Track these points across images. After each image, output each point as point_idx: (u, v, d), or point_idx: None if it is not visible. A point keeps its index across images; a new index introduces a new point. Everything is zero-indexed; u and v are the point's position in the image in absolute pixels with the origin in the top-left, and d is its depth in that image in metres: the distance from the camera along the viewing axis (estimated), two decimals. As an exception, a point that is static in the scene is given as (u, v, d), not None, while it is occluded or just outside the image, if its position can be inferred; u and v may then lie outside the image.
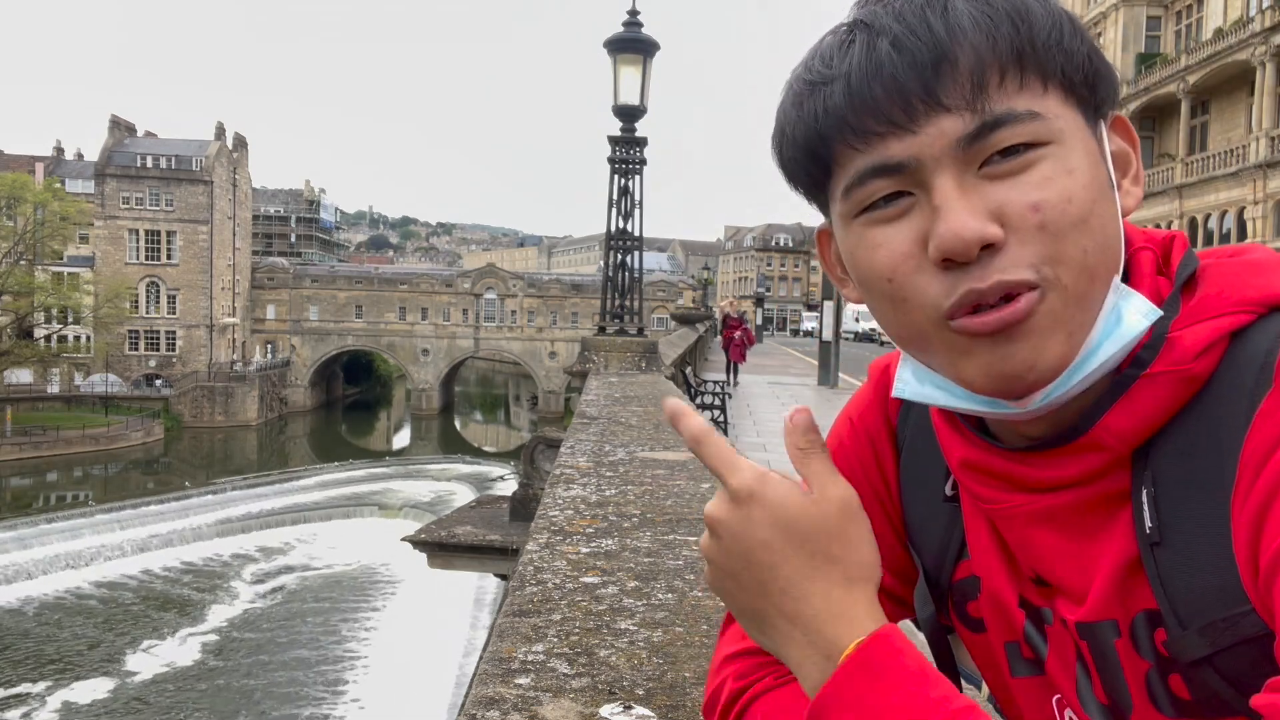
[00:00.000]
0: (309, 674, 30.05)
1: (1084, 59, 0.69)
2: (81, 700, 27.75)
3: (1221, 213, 32.62)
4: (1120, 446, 0.70)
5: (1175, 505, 0.68)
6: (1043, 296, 0.67)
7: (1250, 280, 0.70)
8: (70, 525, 42.88)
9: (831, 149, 0.71)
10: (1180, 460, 0.68)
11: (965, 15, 0.66)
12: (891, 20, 0.68)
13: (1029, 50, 0.67)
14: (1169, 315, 0.71)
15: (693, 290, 76.20)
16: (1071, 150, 0.68)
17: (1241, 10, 32.80)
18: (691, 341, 21.62)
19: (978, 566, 0.84)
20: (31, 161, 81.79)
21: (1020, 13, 0.67)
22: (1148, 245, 0.76)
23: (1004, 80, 0.66)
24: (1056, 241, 0.66)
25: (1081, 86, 0.70)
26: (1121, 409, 0.70)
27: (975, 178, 0.67)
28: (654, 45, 10.78)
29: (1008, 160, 0.67)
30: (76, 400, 69.34)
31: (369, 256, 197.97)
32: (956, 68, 0.66)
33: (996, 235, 0.66)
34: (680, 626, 1.93)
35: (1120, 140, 0.75)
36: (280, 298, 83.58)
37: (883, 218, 0.70)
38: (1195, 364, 0.68)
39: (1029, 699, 0.82)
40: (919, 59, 0.66)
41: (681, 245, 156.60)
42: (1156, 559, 0.68)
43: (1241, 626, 0.64)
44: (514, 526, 8.76)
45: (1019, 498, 0.76)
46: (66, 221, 65.39)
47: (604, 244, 11.63)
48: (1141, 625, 0.70)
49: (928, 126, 0.67)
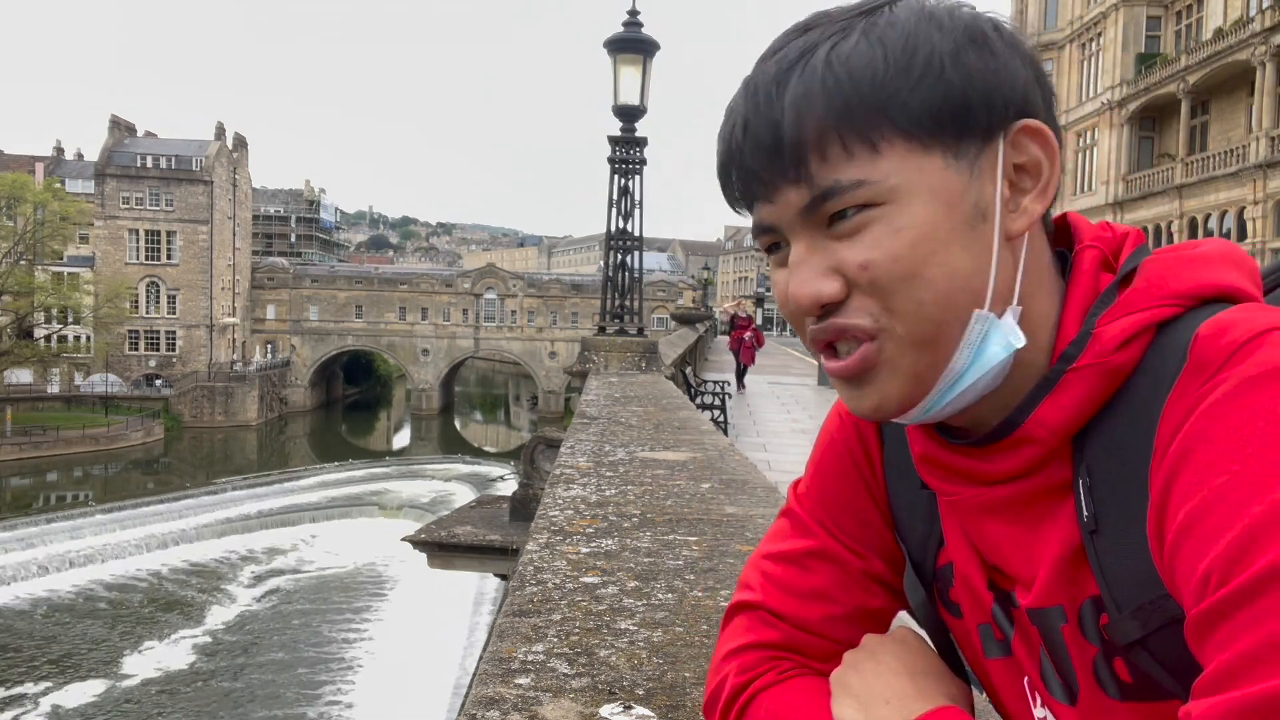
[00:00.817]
0: (309, 674, 30.04)
1: (943, 95, 0.71)
2: (82, 700, 27.73)
3: (1221, 213, 32.60)
4: (1052, 439, 0.73)
5: (1108, 493, 0.71)
6: (880, 346, 0.73)
7: (1181, 274, 0.73)
8: (70, 525, 42.88)
9: (735, 199, 0.80)
10: (1110, 450, 0.71)
11: (789, 97, 0.72)
12: (748, 100, 0.75)
13: (847, 122, 0.70)
14: (1098, 310, 0.74)
15: (693, 290, 76.13)
16: (904, 208, 0.71)
17: (1241, 10, 32.77)
18: (691, 341, 21.63)
19: (951, 550, 0.87)
20: (31, 161, 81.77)
21: (840, 84, 0.71)
22: (1096, 244, 0.78)
23: (826, 153, 0.71)
24: (887, 296, 0.72)
25: (939, 123, 0.71)
26: (1050, 403, 0.73)
27: (825, 237, 0.73)
28: (654, 45, 10.78)
29: (846, 221, 0.72)
30: (76, 400, 69.32)
31: (369, 256, 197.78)
32: (785, 148, 0.72)
33: (832, 295, 0.73)
34: (680, 626, 1.93)
35: (1033, 148, 0.75)
36: (280, 298, 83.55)
37: (774, 262, 0.79)
38: (1116, 356, 0.71)
39: (1002, 680, 0.85)
40: (760, 143, 0.73)
41: (681, 245, 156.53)
42: (1095, 546, 0.71)
43: (1166, 608, 0.67)
44: (514, 526, 8.76)
45: (968, 490, 0.80)
46: (66, 221, 65.37)
47: (604, 244, 11.63)
48: (1088, 611, 0.73)
49: (778, 197, 0.74)
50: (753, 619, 0.93)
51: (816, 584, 0.93)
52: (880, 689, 0.82)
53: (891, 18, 0.73)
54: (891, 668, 0.83)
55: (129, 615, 35.09)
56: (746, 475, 3.95)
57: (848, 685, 0.84)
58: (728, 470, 4.04)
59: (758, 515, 3.12)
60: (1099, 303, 0.74)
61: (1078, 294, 0.76)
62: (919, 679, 0.83)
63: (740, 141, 0.75)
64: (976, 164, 0.73)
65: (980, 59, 0.73)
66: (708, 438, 5.16)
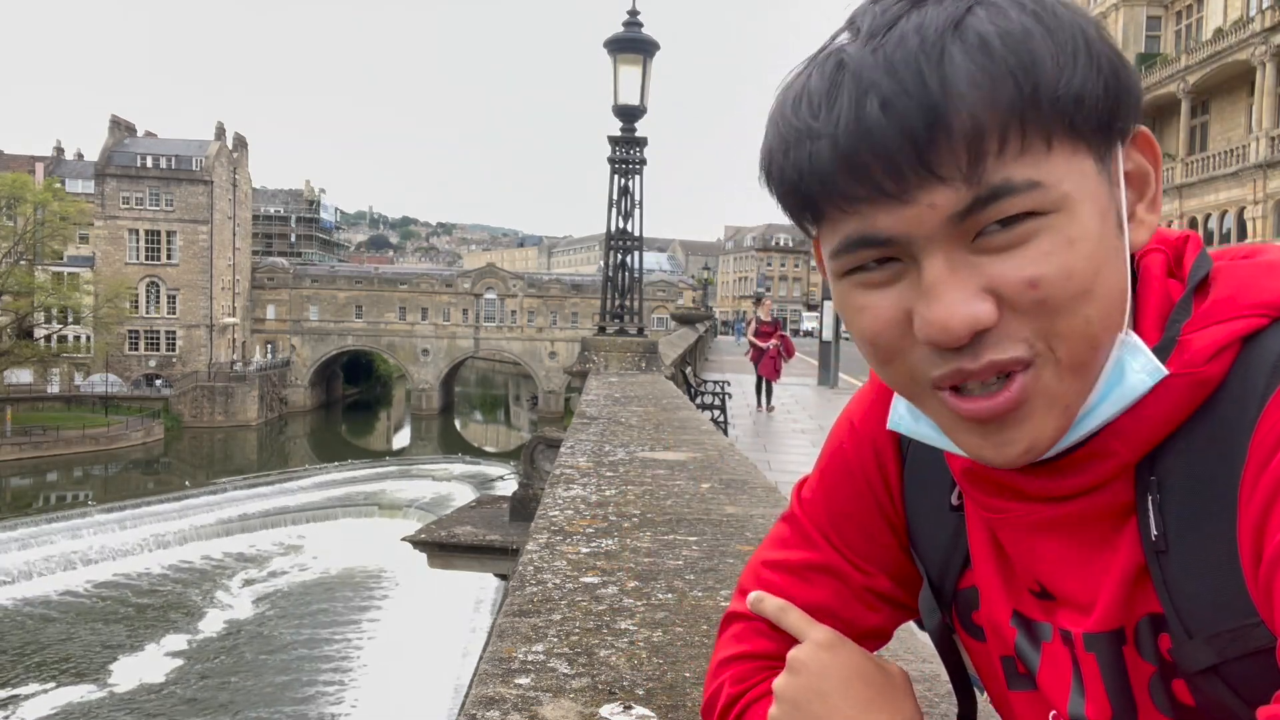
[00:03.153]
0: (308, 674, 30.03)
1: (1101, 93, 0.63)
2: (82, 700, 27.71)
3: (1221, 213, 32.62)
4: (1129, 453, 0.68)
5: (1182, 512, 0.66)
6: (1037, 375, 0.64)
7: (1264, 283, 0.67)
8: (70, 525, 42.86)
9: (819, 208, 0.66)
10: (1187, 466, 0.66)
11: (963, 72, 0.59)
12: (882, 73, 0.60)
13: (1032, 110, 0.60)
14: (1180, 318, 0.68)
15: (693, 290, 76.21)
16: (1074, 216, 0.62)
17: (1241, 10, 32.80)
18: (691, 341, 21.63)
19: (978, 576, 0.83)
20: (31, 161, 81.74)
21: (1026, 66, 0.60)
22: (1159, 247, 0.73)
23: (1004, 146, 0.60)
24: (1055, 317, 0.63)
25: (1097, 126, 0.64)
26: (1131, 414, 0.67)
27: (967, 251, 0.63)
28: (654, 45, 10.78)
29: (1005, 231, 0.62)
30: (76, 400, 69.31)
31: (369, 256, 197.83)
32: (951, 135, 0.59)
33: (989, 320, 0.62)
34: (680, 626, 1.93)
35: (1140, 157, 0.69)
36: (280, 298, 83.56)
37: (869, 282, 0.66)
38: (1207, 367, 0.65)
39: (1026, 713, 0.81)
40: (910, 124, 0.59)
41: (681, 245, 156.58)
42: (1162, 567, 0.67)
43: (1250, 638, 0.63)
44: (514, 526, 8.76)
45: (1022, 507, 0.74)
46: (66, 221, 65.35)
47: (604, 244, 11.63)
48: (1145, 630, 0.69)
49: (919, 197, 0.61)
50: (749, 628, 0.91)
51: (816, 598, 0.89)
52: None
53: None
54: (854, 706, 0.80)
55: (129, 615, 35.09)
56: (746, 475, 3.95)
57: None
58: (728, 470, 4.04)
59: (758, 515, 3.12)
60: (1178, 311, 0.69)
61: (1152, 301, 0.70)
62: None
63: (878, 122, 0.60)
64: (1112, 171, 0.66)
65: (1113, 51, 0.65)
66: (708, 438, 5.15)
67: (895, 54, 0.60)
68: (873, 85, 0.60)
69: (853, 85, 0.61)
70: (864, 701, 0.78)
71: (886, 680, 0.80)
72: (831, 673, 0.79)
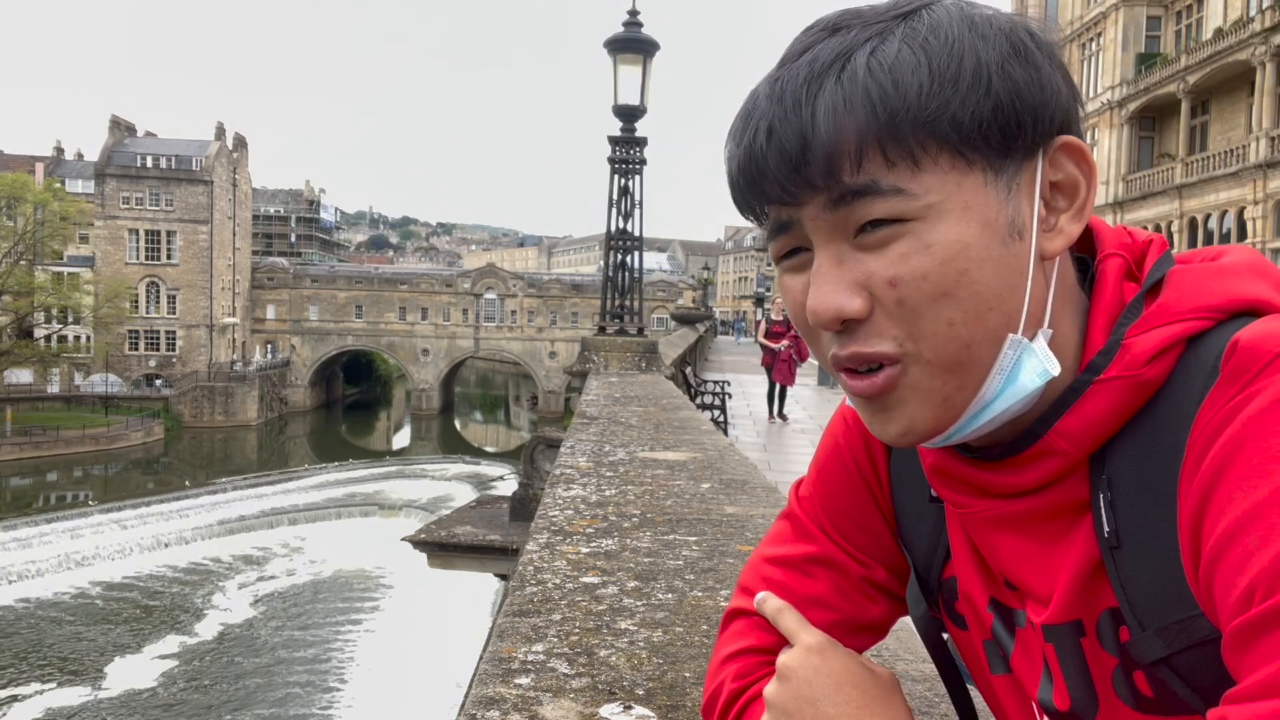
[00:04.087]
0: (308, 674, 30.03)
1: (988, 114, 0.67)
2: (82, 700, 27.70)
3: (1221, 213, 32.59)
4: (1073, 451, 0.71)
5: (1131, 509, 0.69)
6: (905, 370, 0.70)
7: (1211, 286, 0.70)
8: (70, 525, 42.87)
9: (746, 211, 0.76)
10: (1135, 465, 0.69)
11: (826, 102, 0.67)
12: (774, 103, 0.70)
13: (890, 132, 0.66)
14: (1127, 321, 0.71)
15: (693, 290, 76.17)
16: (937, 224, 0.67)
17: (1241, 10, 32.76)
18: (691, 341, 21.62)
19: (957, 565, 0.86)
20: (31, 161, 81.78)
21: (885, 93, 0.66)
22: (1119, 251, 0.76)
23: (860, 163, 0.67)
24: (915, 317, 0.68)
25: (986, 138, 0.68)
26: (1074, 414, 0.71)
27: (850, 248, 0.70)
28: (654, 45, 10.78)
29: (874, 233, 0.68)
30: (76, 400, 69.30)
31: (369, 256, 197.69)
32: (815, 153, 0.68)
33: (856, 311, 0.69)
34: (680, 626, 1.93)
35: (1070, 166, 0.72)
36: (280, 298, 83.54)
37: (789, 267, 0.75)
38: (1146, 369, 0.68)
39: (1007, 695, 0.84)
40: (785, 148, 0.69)
41: (681, 245, 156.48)
42: (1116, 563, 0.69)
43: (1195, 629, 0.65)
44: (514, 526, 8.76)
45: (982, 503, 0.77)
46: (66, 221, 65.36)
47: (604, 244, 11.63)
48: (1106, 623, 0.72)
49: (802, 200, 0.70)
50: (750, 624, 0.93)
51: (817, 590, 0.92)
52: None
53: (933, 23, 0.69)
54: None
55: (129, 615, 35.08)
56: (746, 475, 3.95)
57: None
58: (728, 470, 4.04)
59: (758, 515, 3.12)
60: (1126, 314, 0.72)
61: (1103, 304, 0.73)
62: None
63: (763, 148, 0.70)
64: (1015, 181, 0.70)
65: (1025, 71, 0.69)
66: (708, 438, 5.15)
67: (787, 85, 0.70)
68: (764, 114, 0.70)
69: (755, 113, 0.72)
70: (855, 707, 0.77)
71: (877, 684, 0.80)
72: (821, 678, 0.79)
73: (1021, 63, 0.69)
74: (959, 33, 0.68)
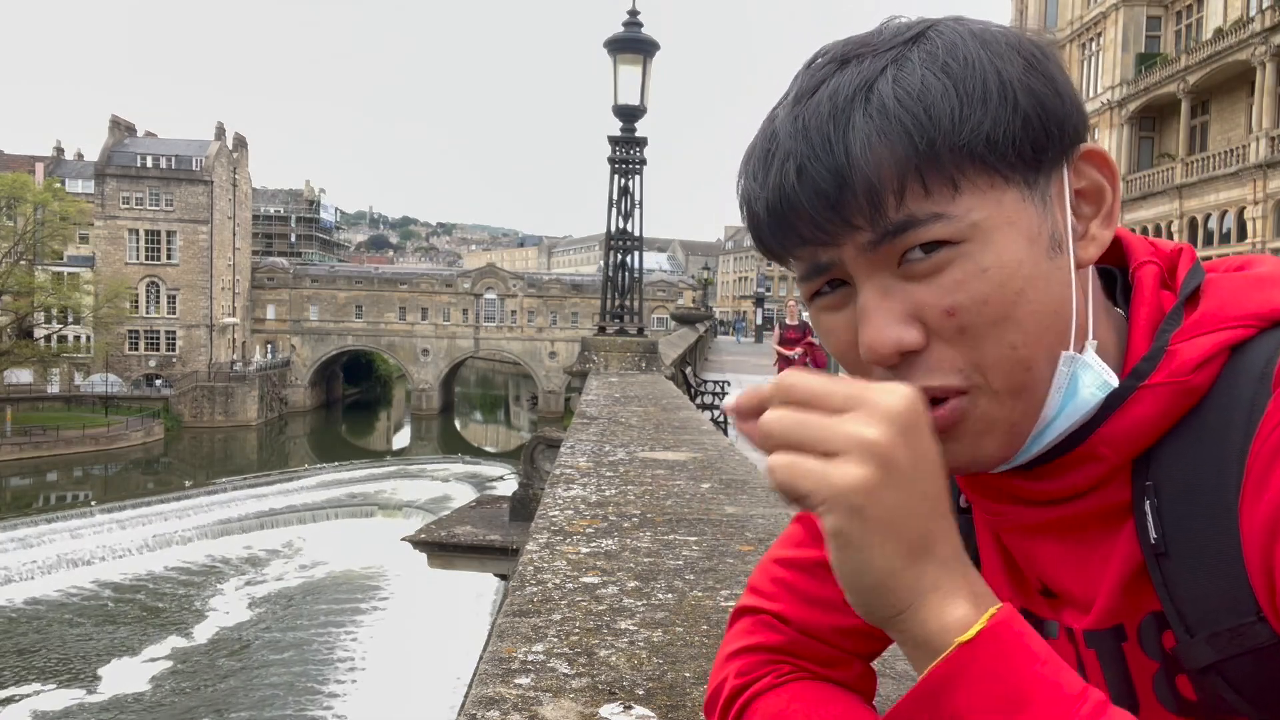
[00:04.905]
0: (308, 674, 30.04)
1: (1019, 129, 0.67)
2: (82, 700, 27.72)
3: (1221, 213, 32.59)
4: (1115, 456, 0.71)
5: (1179, 515, 0.68)
6: (973, 401, 0.68)
7: (1252, 294, 0.71)
8: (70, 525, 42.85)
9: (774, 253, 0.74)
10: (1181, 471, 0.68)
11: (859, 136, 0.66)
12: (800, 140, 0.68)
13: (929, 161, 0.66)
14: (1169, 328, 0.71)
15: (693, 290, 76.17)
16: (988, 244, 0.66)
17: (1241, 10, 32.76)
18: (691, 341, 21.63)
19: (985, 576, 0.82)
20: (31, 161, 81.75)
21: (920, 122, 0.65)
22: (1153, 259, 0.76)
23: (902, 196, 0.66)
24: (978, 344, 0.67)
25: (1018, 158, 0.68)
26: (1117, 419, 0.70)
27: (895, 278, 0.68)
28: (654, 45, 10.79)
29: (925, 259, 0.67)
30: (76, 400, 69.28)
31: (369, 256, 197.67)
32: (855, 191, 0.66)
33: (914, 343, 0.67)
34: (680, 626, 1.93)
35: (1095, 174, 0.73)
36: (280, 298, 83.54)
37: (828, 305, 0.73)
38: (1194, 376, 0.68)
39: None
40: (821, 186, 0.67)
41: (681, 245, 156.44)
42: (1162, 569, 0.69)
43: (1249, 636, 0.65)
44: (514, 526, 8.76)
45: (1020, 510, 0.77)
46: (66, 221, 65.34)
47: (604, 244, 11.63)
48: (1149, 627, 0.71)
49: (841, 239, 0.68)
50: (757, 622, 0.92)
51: (829, 594, 0.89)
52: None
53: (947, 45, 0.68)
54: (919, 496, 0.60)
55: (129, 615, 35.09)
56: (746, 475, 3.95)
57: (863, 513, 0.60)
58: (728, 470, 4.04)
59: (758, 515, 3.11)
60: (1168, 321, 0.72)
61: (1143, 312, 0.73)
62: None
63: (794, 188, 0.68)
64: (1047, 193, 0.70)
65: (1043, 83, 0.69)
66: (708, 438, 5.15)
67: (811, 121, 0.68)
68: (791, 153, 0.68)
69: (779, 151, 0.69)
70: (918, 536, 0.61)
71: None
72: (922, 477, 0.60)
73: (1038, 75, 0.69)
74: (975, 51, 0.68)
